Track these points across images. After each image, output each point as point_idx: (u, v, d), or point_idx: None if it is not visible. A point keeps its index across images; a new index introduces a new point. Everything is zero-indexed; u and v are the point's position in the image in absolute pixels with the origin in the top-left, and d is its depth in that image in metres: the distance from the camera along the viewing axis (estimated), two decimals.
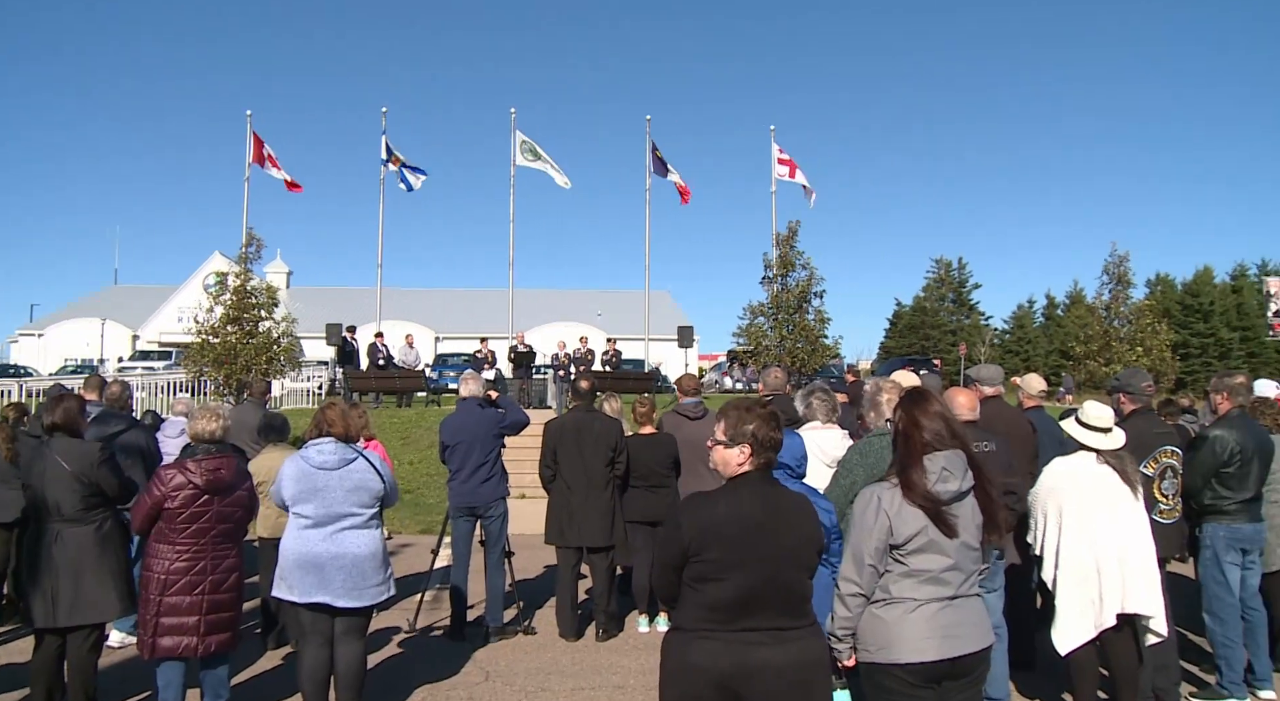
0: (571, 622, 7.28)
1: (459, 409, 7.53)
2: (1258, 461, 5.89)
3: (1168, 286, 60.51)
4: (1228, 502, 5.86)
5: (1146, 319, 25.57)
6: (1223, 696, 5.80)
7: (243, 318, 20.25)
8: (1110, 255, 26.77)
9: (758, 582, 3.06)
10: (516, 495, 11.15)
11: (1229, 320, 57.30)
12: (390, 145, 26.53)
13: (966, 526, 3.31)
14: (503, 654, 6.94)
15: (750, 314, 25.36)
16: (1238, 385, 6.18)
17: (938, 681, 3.26)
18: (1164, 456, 5.73)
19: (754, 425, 3.22)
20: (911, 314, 65.40)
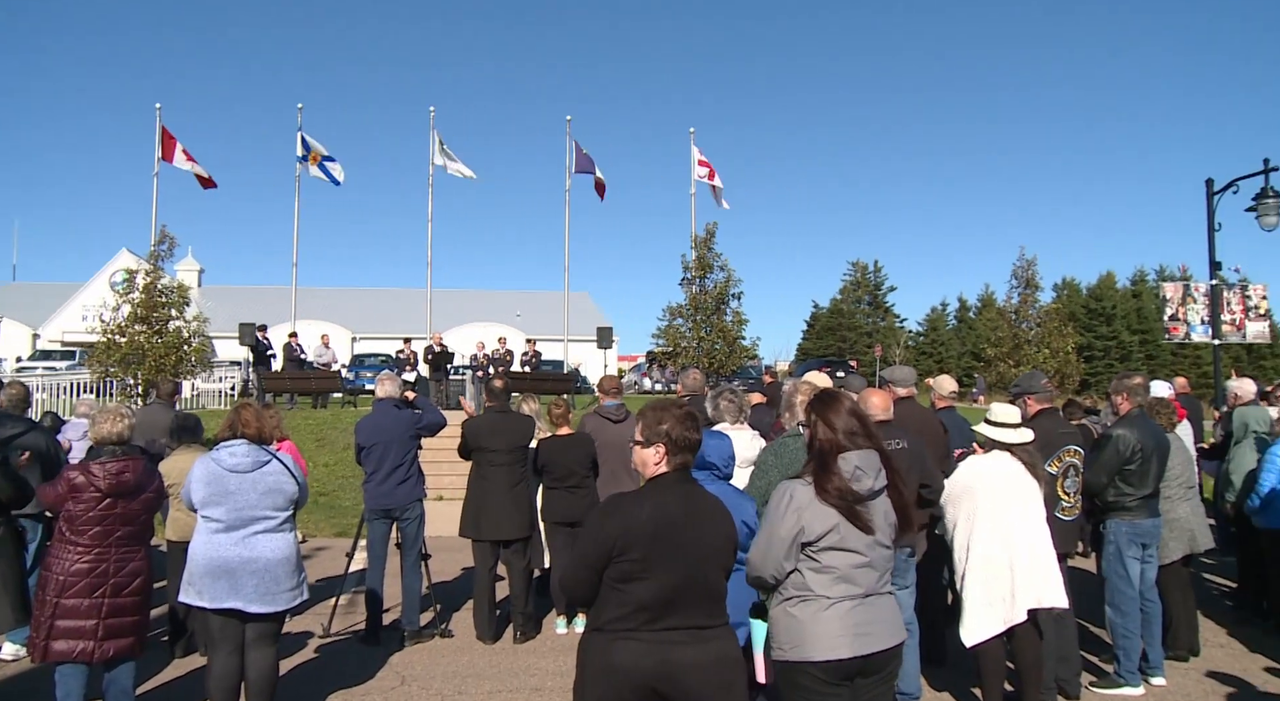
0: (489, 625, 7.24)
1: (375, 410, 7.43)
2: (1156, 459, 6.11)
3: (1073, 291, 62.43)
4: (1130, 499, 6.07)
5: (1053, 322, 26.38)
6: (1119, 684, 6.01)
7: (152, 316, 19.66)
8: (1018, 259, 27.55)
9: (680, 582, 3.08)
10: (434, 497, 11.08)
11: (1129, 324, 59.33)
12: (308, 141, 26.02)
13: (879, 524, 3.36)
14: (419, 657, 6.87)
15: (669, 315, 25.50)
16: (1136, 386, 6.41)
17: (851, 678, 3.29)
18: (1067, 455, 5.92)
19: (668, 425, 3.25)
20: (829, 316, 66.30)
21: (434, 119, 27.17)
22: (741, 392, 6.27)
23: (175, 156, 23.66)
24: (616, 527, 3.09)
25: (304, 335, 23.85)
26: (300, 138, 25.91)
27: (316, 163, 26.07)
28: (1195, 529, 6.71)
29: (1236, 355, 46.88)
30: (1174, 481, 6.58)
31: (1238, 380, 9.32)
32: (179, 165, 23.78)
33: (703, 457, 4.22)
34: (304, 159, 25.94)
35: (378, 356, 34.89)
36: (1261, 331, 15.54)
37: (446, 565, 9.58)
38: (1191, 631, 6.83)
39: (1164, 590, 6.44)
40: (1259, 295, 15.25)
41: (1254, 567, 7.95)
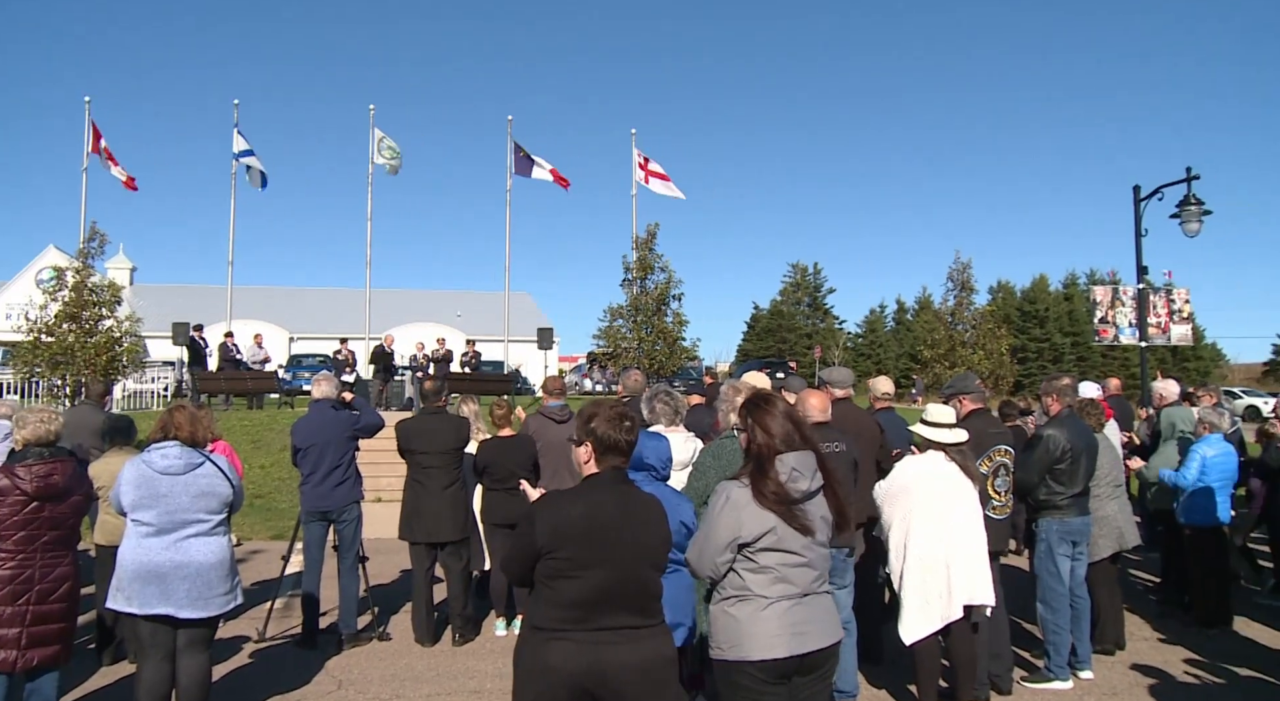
0: (427, 627, 7.18)
1: (311, 411, 7.34)
2: (1085, 458, 6.26)
3: (1008, 293, 63.65)
4: (1060, 498, 6.20)
5: (988, 324, 26.90)
6: (1049, 679, 6.15)
7: (82, 316, 19.20)
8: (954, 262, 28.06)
9: (611, 581, 3.10)
10: (372, 498, 10.96)
11: (1062, 326, 60.65)
12: (245, 138, 25.59)
13: (816, 525, 3.38)
14: (356, 661, 6.79)
15: (610, 316, 25.52)
16: (1064, 387, 6.57)
17: (788, 677, 3.32)
18: (997, 454, 6.05)
19: (596, 423, 3.27)
20: (769, 317, 66.79)
21: (374, 117, 26.91)
22: (677, 394, 6.30)
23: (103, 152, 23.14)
24: (546, 525, 3.10)
25: (240, 335, 23.44)
26: (236, 133, 25.47)
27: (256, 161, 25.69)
28: (1123, 526, 6.88)
29: (1162, 357, 48.23)
30: (1103, 480, 6.75)
31: (1162, 381, 9.58)
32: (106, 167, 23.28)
33: (640, 459, 4.24)
34: (240, 155, 25.50)
35: (315, 357, 34.42)
36: (1185, 334, 16.01)
37: (385, 567, 9.49)
38: (1118, 626, 7.01)
39: (1092, 586, 6.60)
40: (1182, 299, 15.70)
41: (1176, 563, 8.18)
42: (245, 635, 7.31)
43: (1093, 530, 6.54)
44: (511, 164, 27.17)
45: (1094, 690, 6.15)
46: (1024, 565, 7.53)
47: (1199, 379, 48.55)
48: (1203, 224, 13.96)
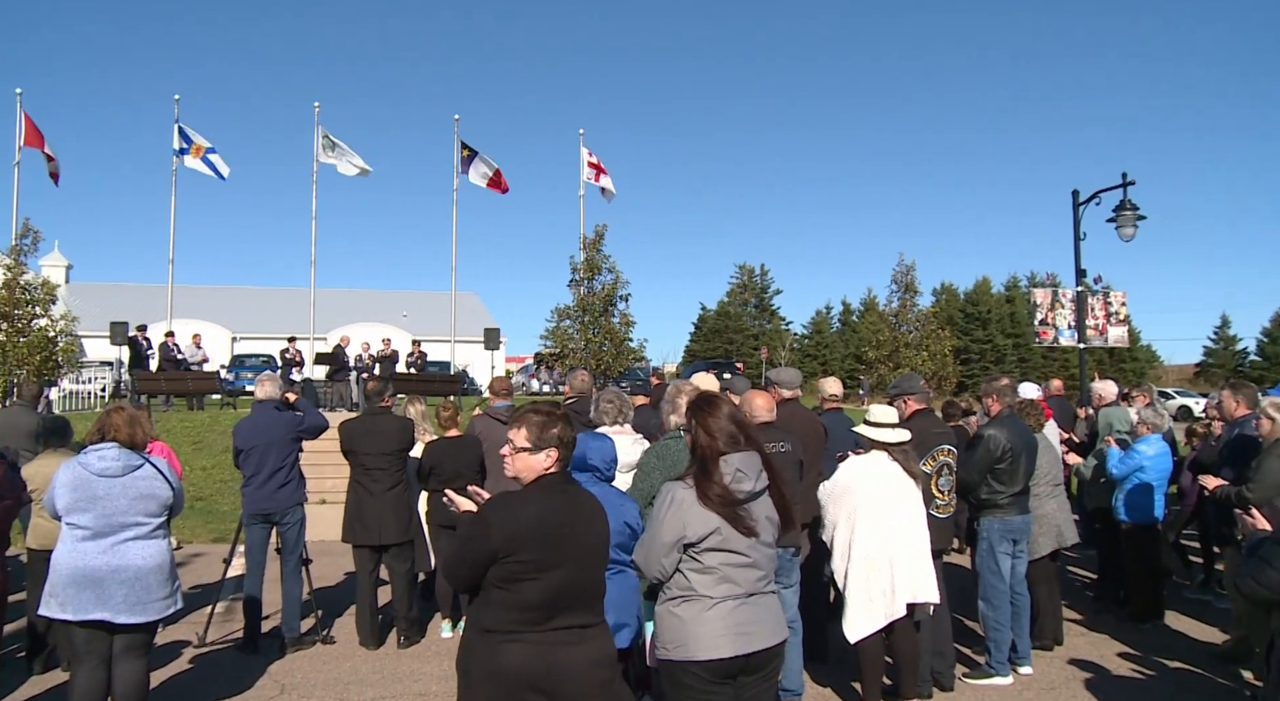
0: (371, 630, 7.12)
1: (254, 411, 7.24)
2: (1025, 458, 6.38)
3: (951, 295, 64.65)
4: (1001, 497, 6.31)
5: (931, 325, 27.30)
6: (991, 674, 6.25)
7: (13, 314, 18.72)
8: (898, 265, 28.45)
9: (566, 582, 3.10)
10: (316, 500, 10.84)
11: (1004, 327, 61.75)
12: (188, 133, 25.12)
13: (762, 525, 3.40)
14: (299, 665, 6.71)
15: (557, 316, 25.49)
16: (1004, 387, 6.68)
17: (734, 676, 3.34)
18: (941, 454, 6.14)
19: (558, 428, 3.27)
20: (716, 318, 67.11)
21: (319, 115, 26.59)
22: (624, 395, 6.31)
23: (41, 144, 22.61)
24: (502, 529, 3.08)
25: (181, 334, 23.02)
26: (177, 129, 25.01)
27: (200, 155, 25.22)
28: (1062, 524, 7.01)
29: (1100, 358, 49.25)
30: (1042, 479, 6.87)
31: (1101, 382, 9.80)
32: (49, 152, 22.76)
33: (584, 460, 4.24)
34: (181, 152, 25.04)
35: (259, 357, 33.93)
36: (1121, 336, 16.35)
37: (328, 570, 9.38)
38: (1057, 622, 7.16)
39: (1032, 583, 6.72)
40: (1119, 302, 16.04)
41: (1112, 560, 8.37)
42: (185, 640, 7.19)
43: (1033, 528, 6.66)
44: (458, 163, 27.05)
45: (1033, 685, 6.26)
46: (965, 563, 7.65)
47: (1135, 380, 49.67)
48: (1137, 229, 14.27)
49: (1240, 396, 6.75)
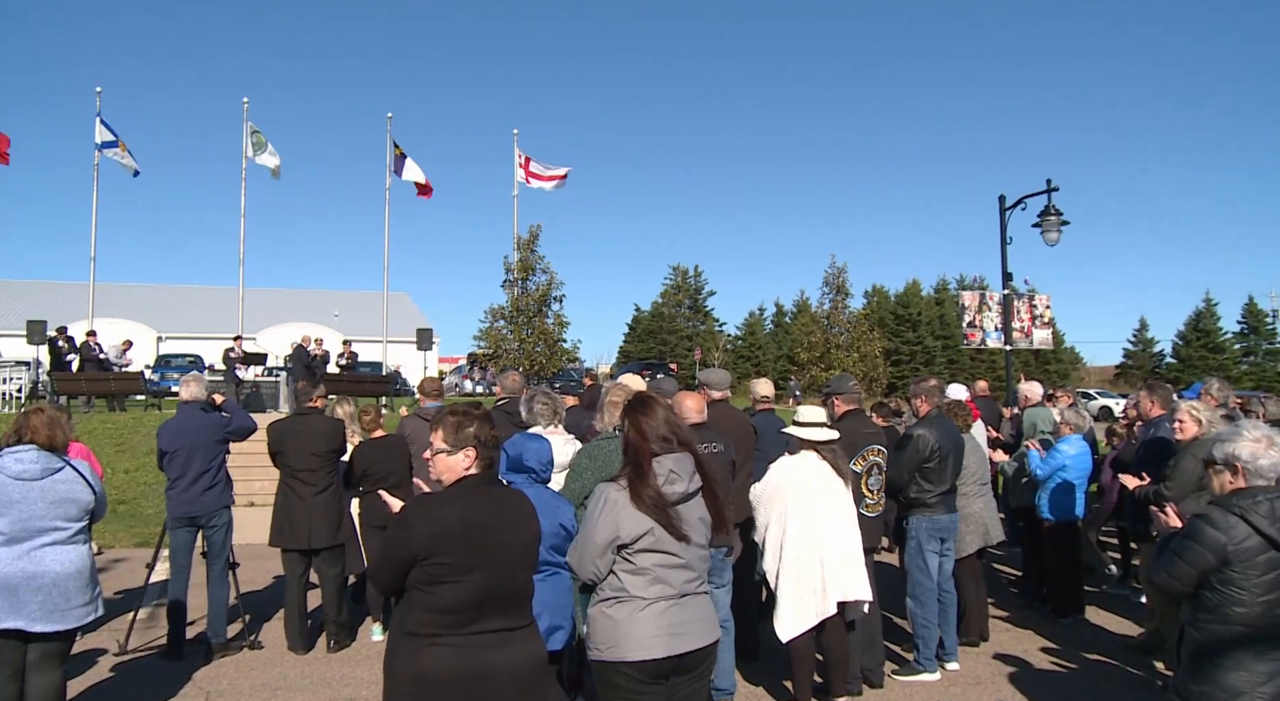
0: (301, 634, 7.01)
1: (179, 413, 7.08)
2: (953, 457, 6.51)
3: (882, 297, 65.54)
4: (929, 496, 6.43)
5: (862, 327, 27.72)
6: (919, 671, 6.37)
7: None
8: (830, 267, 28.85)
9: (490, 584, 3.08)
10: (244, 503, 10.62)
11: (933, 330, 62.70)
12: (110, 128, 24.51)
13: (694, 526, 3.42)
14: (226, 671, 6.58)
15: (490, 317, 25.37)
16: (932, 388, 6.81)
17: (666, 677, 3.35)
18: (871, 454, 6.23)
19: (474, 427, 3.26)
20: (650, 319, 67.13)
21: (248, 111, 26.12)
22: (556, 395, 6.30)
23: None
24: (423, 531, 3.05)
25: (104, 334, 22.43)
26: (100, 123, 24.38)
27: (127, 150, 24.67)
28: (989, 523, 7.17)
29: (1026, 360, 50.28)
30: (969, 479, 7.02)
31: (1027, 384, 10.03)
32: None
33: (521, 461, 4.24)
34: (107, 145, 24.42)
35: (185, 357, 33.23)
36: (1046, 338, 16.76)
37: (256, 574, 9.22)
38: (983, 618, 7.31)
39: (959, 581, 6.86)
40: (1044, 305, 16.44)
41: (1036, 557, 8.57)
42: (106, 648, 7.00)
43: (959, 527, 6.80)
44: (391, 162, 26.79)
45: (960, 680, 6.39)
46: (895, 561, 7.78)
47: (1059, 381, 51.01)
48: (1061, 233, 14.64)
49: (1156, 397, 6.97)
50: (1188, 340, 62.92)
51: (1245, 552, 3.29)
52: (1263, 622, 3.29)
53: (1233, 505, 3.38)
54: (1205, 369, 54.73)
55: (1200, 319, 62.90)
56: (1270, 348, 62.33)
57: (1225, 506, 3.40)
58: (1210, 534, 3.35)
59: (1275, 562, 3.29)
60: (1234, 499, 3.41)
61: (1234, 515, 3.35)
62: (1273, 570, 3.28)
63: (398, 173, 26.86)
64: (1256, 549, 3.29)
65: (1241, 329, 63.48)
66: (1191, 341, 62.50)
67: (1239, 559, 3.29)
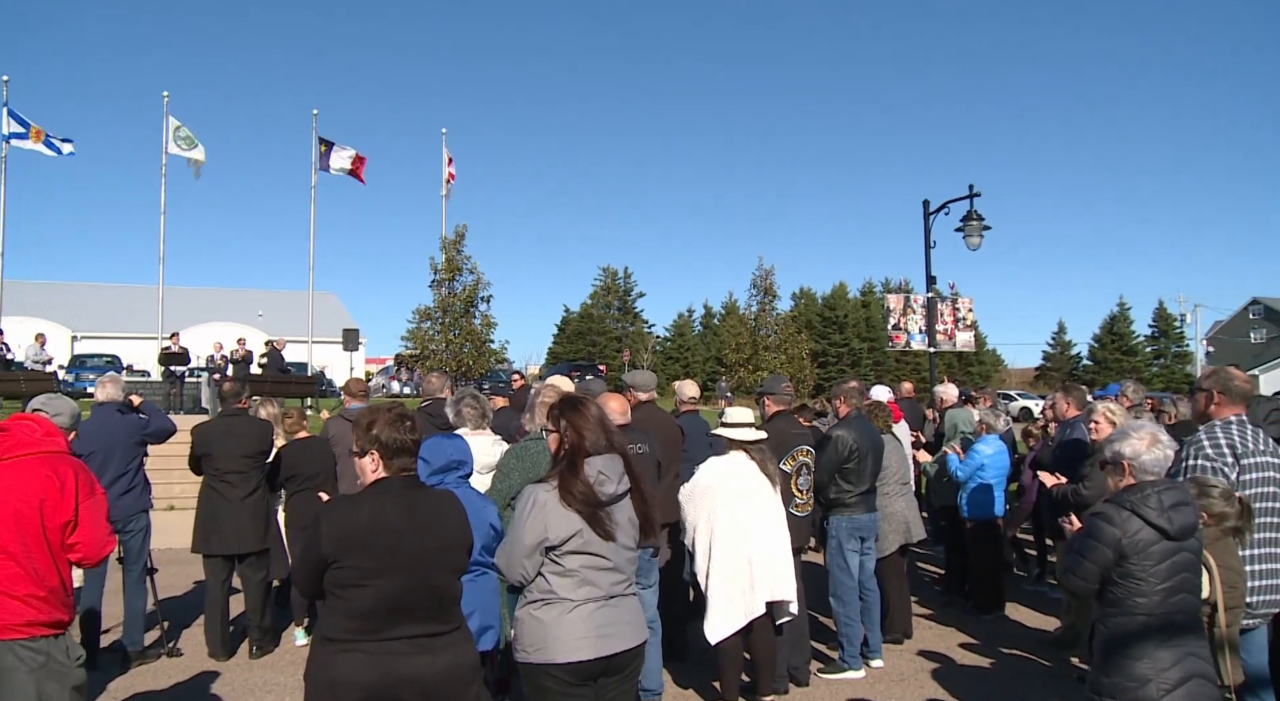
0: (222, 640, 6.86)
1: (95, 414, 6.88)
2: (872, 458, 6.61)
3: (809, 299, 66.38)
4: (849, 496, 6.52)
5: (790, 329, 28.01)
6: (843, 669, 6.46)
7: None
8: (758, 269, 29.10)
9: (403, 589, 3.04)
10: (164, 507, 10.37)
11: (860, 332, 63.73)
12: (19, 119, 23.72)
13: (623, 528, 3.42)
14: (142, 680, 6.42)
15: (418, 317, 25.12)
16: (851, 390, 6.92)
17: (594, 678, 3.35)
18: (800, 455, 6.30)
19: (378, 429, 3.22)
20: (579, 320, 67.06)
21: (168, 105, 25.50)
22: (484, 397, 6.27)
23: None
24: (332, 533, 3.02)
25: (13, 332, 21.68)
26: (6, 113, 23.58)
27: (41, 139, 23.91)
28: (910, 521, 7.30)
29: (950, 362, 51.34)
30: (890, 478, 7.15)
31: (943, 385, 10.24)
32: None
33: (448, 458, 4.21)
34: (15, 136, 23.64)
35: (101, 357, 32.31)
36: (969, 340, 17.15)
37: (176, 579, 9.00)
38: (906, 616, 7.43)
39: (882, 579, 6.98)
40: (966, 308, 16.82)
41: (958, 555, 8.76)
42: None
43: (881, 525, 6.91)
44: (316, 159, 26.40)
45: (884, 677, 6.50)
46: (820, 561, 7.88)
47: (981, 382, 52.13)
48: (983, 238, 14.98)
49: (1071, 398, 7.16)
50: (1103, 343, 64.92)
51: (1139, 544, 3.43)
52: (1163, 610, 3.43)
53: (1124, 501, 3.53)
54: (1120, 371, 56.53)
55: (1114, 322, 64.95)
56: (1179, 350, 64.54)
57: (1118, 502, 3.54)
58: (1107, 530, 3.48)
59: (1169, 551, 3.43)
60: (1125, 495, 3.56)
61: (1125, 510, 3.48)
62: (1167, 559, 3.43)
63: (325, 168, 26.47)
64: (1150, 540, 3.43)
65: (1152, 332, 65.68)
66: (1106, 344, 64.49)
67: (1135, 550, 3.43)
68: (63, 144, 24.52)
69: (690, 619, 6.76)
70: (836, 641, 6.67)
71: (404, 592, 3.04)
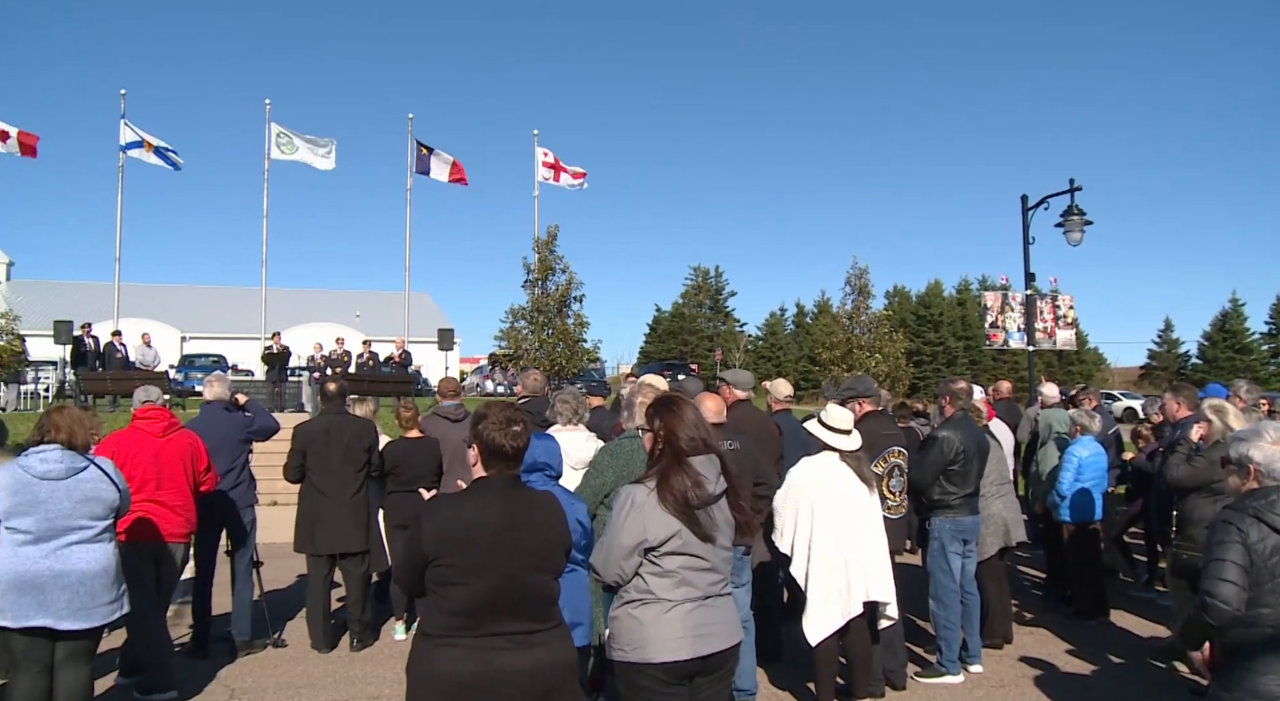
0: (324, 633, 7.03)
1: (203, 413, 7.14)
2: (977, 460, 6.47)
3: (904, 298, 65.27)
4: (953, 497, 6.38)
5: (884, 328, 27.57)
6: (941, 673, 6.33)
7: None
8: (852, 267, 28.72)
9: (498, 587, 3.06)
10: (267, 502, 10.71)
11: (955, 330, 62.45)
12: (136, 129, 24.75)
13: (719, 528, 3.40)
14: (250, 669, 6.62)
15: (511, 317, 25.41)
16: (960, 390, 6.77)
17: (690, 678, 3.34)
18: (892, 456, 6.20)
19: (484, 426, 3.26)
20: (670, 320, 67.12)
21: (270, 112, 26.31)
22: (579, 394, 6.31)
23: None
24: (432, 531, 3.06)
25: (128, 334, 22.61)
26: (124, 125, 24.61)
27: (153, 150, 24.93)
28: (1009, 523, 7.11)
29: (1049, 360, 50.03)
30: (987, 479, 6.98)
31: (1044, 385, 9.96)
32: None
33: (533, 459, 4.23)
34: (129, 147, 24.66)
35: (208, 356, 33.49)
36: (1069, 339, 16.67)
37: (280, 572, 9.26)
38: (1006, 620, 7.26)
39: (981, 582, 6.82)
40: (1067, 305, 16.35)
41: (1058, 559, 8.52)
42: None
43: (982, 528, 6.76)
44: (412, 162, 26.93)
45: (983, 683, 6.35)
46: (916, 562, 7.75)
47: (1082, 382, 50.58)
48: (1084, 233, 14.55)
49: (1181, 399, 6.90)
50: (1214, 341, 62.36)
51: (1264, 551, 3.26)
52: None
53: (1247, 506, 3.35)
54: (1232, 370, 54.22)
55: (1226, 319, 62.32)
56: None
57: (1240, 509, 3.37)
58: (1230, 535, 3.32)
59: None
60: (1248, 500, 3.38)
61: (1250, 516, 3.32)
62: None
63: (425, 172, 27.00)
64: (1276, 546, 3.26)
65: (1269, 329, 62.82)
66: (1218, 342, 61.93)
67: (1260, 558, 3.26)
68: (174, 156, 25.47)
69: (785, 619, 6.71)
70: (934, 645, 6.55)
71: (499, 591, 3.06)
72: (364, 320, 50.93)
